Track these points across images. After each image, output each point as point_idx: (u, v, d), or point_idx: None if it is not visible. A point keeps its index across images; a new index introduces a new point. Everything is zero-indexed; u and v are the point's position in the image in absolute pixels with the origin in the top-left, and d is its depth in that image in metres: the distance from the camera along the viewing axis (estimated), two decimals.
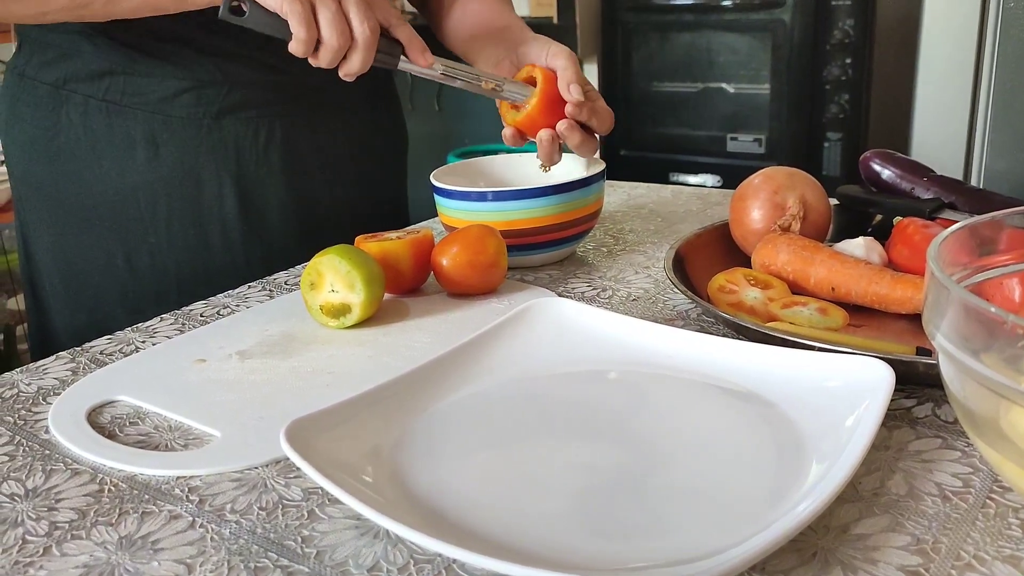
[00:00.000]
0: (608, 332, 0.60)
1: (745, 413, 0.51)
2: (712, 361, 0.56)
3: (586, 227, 0.83)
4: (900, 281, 0.64)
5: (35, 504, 0.47)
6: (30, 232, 0.92)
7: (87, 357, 0.66)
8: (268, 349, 0.66)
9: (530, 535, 0.41)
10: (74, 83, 0.85)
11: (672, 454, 0.48)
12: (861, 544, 0.40)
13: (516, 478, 0.47)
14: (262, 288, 0.81)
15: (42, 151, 0.87)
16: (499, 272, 0.75)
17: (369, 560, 0.41)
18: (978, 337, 0.37)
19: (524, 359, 0.58)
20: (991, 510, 0.42)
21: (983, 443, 0.40)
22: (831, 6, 2.13)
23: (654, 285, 0.76)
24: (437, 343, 0.65)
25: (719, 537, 0.40)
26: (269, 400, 0.58)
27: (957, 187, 0.77)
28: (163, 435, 0.54)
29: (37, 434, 0.55)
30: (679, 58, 2.40)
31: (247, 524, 0.45)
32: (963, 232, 0.46)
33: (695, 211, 1.00)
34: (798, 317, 0.64)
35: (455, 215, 0.81)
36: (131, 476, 0.50)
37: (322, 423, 0.47)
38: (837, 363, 0.51)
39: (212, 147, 0.87)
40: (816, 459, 0.45)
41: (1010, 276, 0.48)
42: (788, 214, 0.73)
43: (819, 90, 2.20)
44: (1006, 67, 1.14)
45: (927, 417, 0.52)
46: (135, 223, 0.87)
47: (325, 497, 0.47)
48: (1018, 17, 1.13)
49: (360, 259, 0.68)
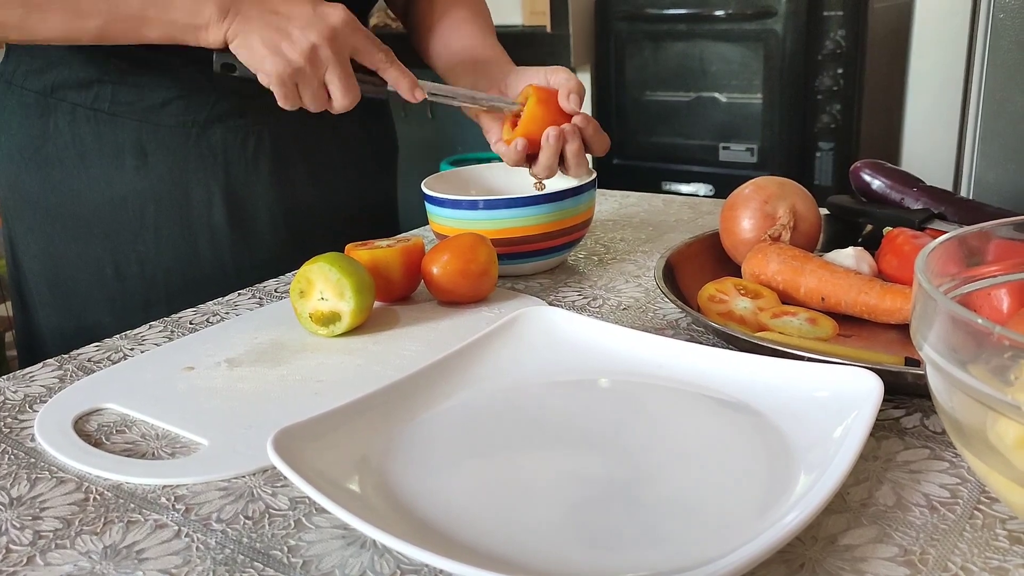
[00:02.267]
0: (598, 341, 0.60)
1: (734, 423, 0.51)
2: (702, 371, 0.56)
3: (577, 236, 0.83)
4: (890, 291, 0.64)
5: (19, 513, 0.47)
6: (17, 239, 0.92)
7: (74, 364, 0.66)
8: (257, 357, 0.65)
9: (518, 545, 0.41)
10: (62, 91, 0.85)
11: (661, 464, 0.48)
12: (849, 555, 0.40)
13: (505, 488, 0.46)
14: (251, 296, 0.81)
15: (30, 159, 0.87)
16: (490, 281, 0.75)
17: (356, 570, 0.41)
18: (965, 348, 0.37)
19: (514, 368, 0.58)
20: (979, 521, 0.42)
21: (970, 454, 0.40)
22: (823, 16, 2.14)
23: (644, 294, 0.76)
24: (427, 351, 0.65)
25: (708, 547, 0.40)
26: (257, 408, 0.58)
27: (947, 198, 0.77)
28: (150, 443, 0.54)
29: (23, 442, 0.55)
30: (672, 67, 2.40)
31: (233, 533, 0.45)
32: (951, 243, 0.46)
33: (686, 220, 1.00)
34: (788, 327, 0.64)
35: (446, 223, 0.81)
36: (117, 485, 0.49)
37: (310, 432, 0.47)
38: (826, 373, 0.51)
39: (201, 155, 0.87)
40: (804, 469, 0.45)
41: (998, 287, 0.48)
42: (778, 224, 0.73)
43: (811, 100, 2.21)
44: (996, 78, 1.15)
45: (915, 428, 0.52)
46: (124, 231, 0.87)
47: (312, 507, 0.46)
48: (1008, 28, 1.13)
49: (350, 267, 0.68)
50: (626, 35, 2.44)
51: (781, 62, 2.22)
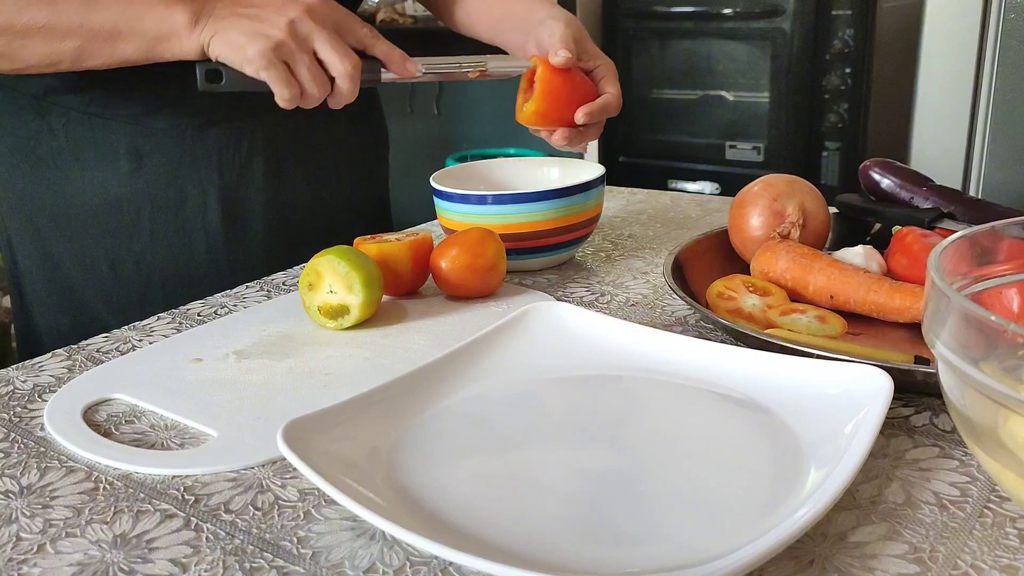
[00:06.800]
0: (606, 337, 0.60)
1: (743, 419, 0.51)
2: (710, 367, 0.56)
3: (585, 232, 0.83)
4: (898, 290, 0.64)
5: (29, 501, 0.47)
6: (14, 238, 0.91)
7: (83, 355, 0.66)
8: (265, 349, 0.66)
9: (526, 538, 0.41)
10: (56, 95, 0.85)
11: (669, 460, 0.48)
12: (858, 552, 0.40)
13: (513, 481, 0.46)
14: (259, 288, 0.81)
15: (24, 159, 0.87)
16: (498, 276, 0.75)
17: (365, 562, 0.41)
18: (978, 346, 0.37)
19: (522, 363, 0.58)
20: (988, 519, 0.42)
21: (981, 452, 0.40)
22: (831, 15, 2.14)
23: (652, 291, 0.76)
24: (435, 346, 0.65)
25: (716, 543, 0.40)
26: (266, 400, 0.58)
27: (956, 197, 0.77)
28: (159, 434, 0.54)
29: (32, 431, 0.55)
30: (679, 66, 2.40)
31: (242, 524, 0.45)
32: (962, 242, 0.46)
33: (694, 217, 1.00)
34: (797, 324, 0.64)
35: (454, 218, 0.81)
36: (126, 474, 0.50)
37: (319, 424, 0.47)
38: (837, 371, 0.51)
39: (195, 157, 0.87)
40: (814, 466, 0.45)
41: (1008, 286, 0.48)
42: (787, 221, 0.73)
43: (818, 99, 2.21)
44: (1006, 78, 1.14)
45: (925, 426, 0.52)
46: (119, 231, 0.87)
47: (321, 498, 0.47)
48: (1018, 28, 1.13)
49: (359, 260, 0.68)
50: (633, 33, 2.44)
51: (788, 61, 2.21)
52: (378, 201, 1.07)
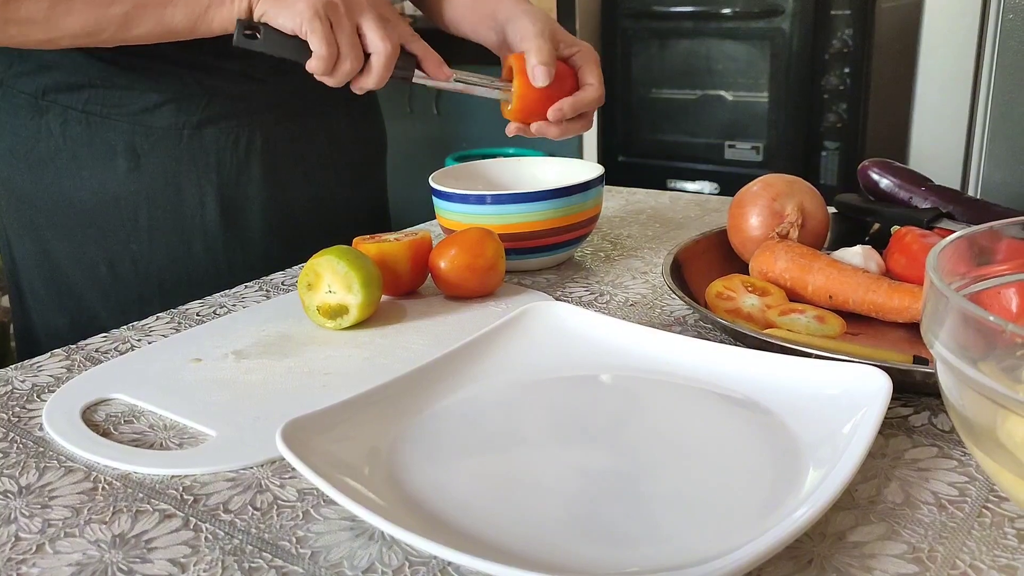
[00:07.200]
0: (605, 337, 0.60)
1: (742, 419, 0.51)
2: (709, 367, 0.56)
3: (584, 232, 0.83)
4: (897, 290, 0.64)
5: (28, 501, 0.47)
6: (12, 237, 0.91)
7: (82, 355, 0.66)
8: (264, 349, 0.65)
9: (525, 539, 0.41)
10: (54, 94, 0.85)
11: (668, 460, 0.48)
12: (857, 552, 0.40)
13: (512, 481, 0.46)
14: (258, 288, 0.81)
15: (22, 159, 0.87)
16: (497, 275, 0.75)
17: (364, 562, 0.41)
18: (976, 346, 0.37)
19: (521, 363, 0.58)
20: (987, 519, 0.42)
21: (980, 452, 0.40)
22: (830, 15, 2.14)
23: (651, 291, 0.76)
24: (434, 345, 0.65)
25: (715, 543, 0.40)
26: (265, 400, 0.58)
27: (955, 197, 0.77)
28: (158, 434, 0.54)
29: (31, 431, 0.55)
30: (678, 65, 2.40)
31: (241, 524, 0.45)
32: (961, 242, 0.46)
33: (693, 217, 1.00)
34: (795, 324, 0.64)
35: (453, 218, 0.81)
36: (125, 474, 0.50)
37: (318, 424, 0.47)
38: (835, 371, 0.51)
39: (193, 157, 0.87)
40: (813, 466, 0.45)
41: (1007, 286, 0.48)
42: (786, 221, 0.73)
43: (817, 99, 2.21)
44: (1005, 78, 1.14)
45: (924, 426, 0.52)
46: (117, 231, 0.87)
47: (320, 498, 0.47)
48: (1017, 28, 1.13)
49: (358, 260, 0.68)
50: (632, 32, 2.44)
51: (788, 61, 2.21)
52: (377, 201, 1.07)
